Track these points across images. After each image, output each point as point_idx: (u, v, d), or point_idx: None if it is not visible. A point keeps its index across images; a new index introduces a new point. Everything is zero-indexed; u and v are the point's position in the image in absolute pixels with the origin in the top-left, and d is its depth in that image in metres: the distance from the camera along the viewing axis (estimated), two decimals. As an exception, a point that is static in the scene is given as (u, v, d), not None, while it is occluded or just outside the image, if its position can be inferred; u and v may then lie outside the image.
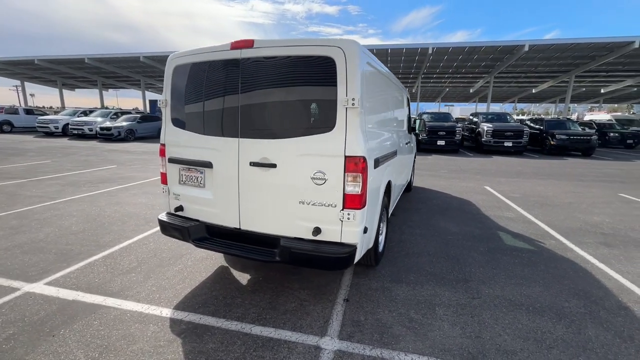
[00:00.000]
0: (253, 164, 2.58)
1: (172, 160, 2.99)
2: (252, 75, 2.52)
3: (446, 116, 17.47)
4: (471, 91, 33.68)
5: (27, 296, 2.80)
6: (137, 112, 22.62)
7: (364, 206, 2.43)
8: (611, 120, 21.15)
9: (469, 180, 8.60)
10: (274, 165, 2.52)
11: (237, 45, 2.52)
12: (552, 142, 14.60)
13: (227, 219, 2.79)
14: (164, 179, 3.11)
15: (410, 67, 24.25)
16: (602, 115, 24.81)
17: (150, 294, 2.88)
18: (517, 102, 47.14)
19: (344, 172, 2.35)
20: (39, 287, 2.93)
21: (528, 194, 7.08)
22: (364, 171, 2.35)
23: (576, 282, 3.23)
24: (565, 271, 3.47)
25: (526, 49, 18.01)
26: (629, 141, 18.61)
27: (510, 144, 14.32)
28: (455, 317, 2.64)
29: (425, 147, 14.70)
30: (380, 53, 20.38)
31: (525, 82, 29.39)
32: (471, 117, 18.38)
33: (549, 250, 4.01)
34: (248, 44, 2.49)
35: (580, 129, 15.36)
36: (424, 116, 16.61)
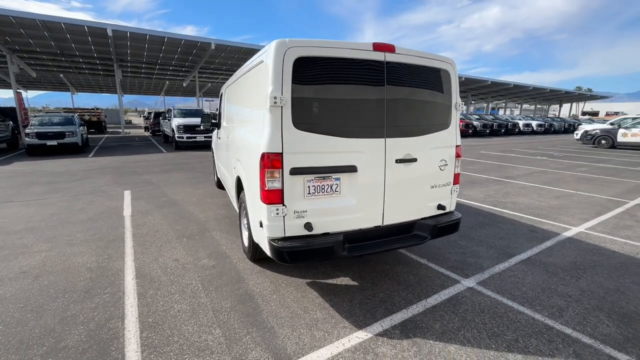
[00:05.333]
0: (398, 160, 2.78)
1: (296, 172, 2.44)
2: (395, 78, 2.68)
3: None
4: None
5: None
6: None
7: None
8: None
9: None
10: (415, 160, 2.87)
11: (381, 47, 2.58)
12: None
13: (369, 220, 2.77)
14: (274, 198, 2.44)
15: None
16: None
17: (312, 336, 2.36)
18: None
19: (455, 157, 3.17)
20: None
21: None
22: (460, 155, 3.26)
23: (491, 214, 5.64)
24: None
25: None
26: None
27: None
28: (476, 243, 4.11)
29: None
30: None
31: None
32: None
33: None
34: (390, 48, 2.62)
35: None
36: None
